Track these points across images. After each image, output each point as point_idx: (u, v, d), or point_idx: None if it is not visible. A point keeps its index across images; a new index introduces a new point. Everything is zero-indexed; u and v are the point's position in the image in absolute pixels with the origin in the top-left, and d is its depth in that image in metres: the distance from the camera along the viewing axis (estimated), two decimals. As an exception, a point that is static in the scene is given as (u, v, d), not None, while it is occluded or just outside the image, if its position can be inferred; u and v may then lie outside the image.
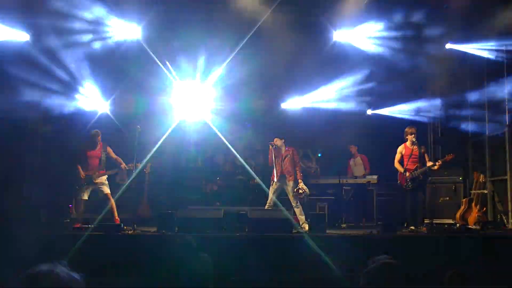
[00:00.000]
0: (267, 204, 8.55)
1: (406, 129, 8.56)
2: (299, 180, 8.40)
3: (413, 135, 8.42)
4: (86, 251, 6.18)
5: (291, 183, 8.42)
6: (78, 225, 7.54)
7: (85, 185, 8.06)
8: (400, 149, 8.60)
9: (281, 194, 8.65)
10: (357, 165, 10.53)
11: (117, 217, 7.93)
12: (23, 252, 5.95)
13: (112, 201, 8.02)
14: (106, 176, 8.28)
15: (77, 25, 8.66)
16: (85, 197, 8.07)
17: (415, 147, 8.41)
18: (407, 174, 8.30)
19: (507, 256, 6.21)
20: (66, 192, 8.87)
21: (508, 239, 7.15)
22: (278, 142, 8.67)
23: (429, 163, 8.27)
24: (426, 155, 8.46)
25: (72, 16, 8.44)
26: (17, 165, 9.42)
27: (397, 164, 8.58)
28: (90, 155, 8.23)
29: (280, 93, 11.12)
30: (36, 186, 9.91)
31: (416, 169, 8.28)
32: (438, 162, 8.23)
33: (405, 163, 8.43)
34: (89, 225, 7.35)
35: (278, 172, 8.54)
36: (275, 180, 8.54)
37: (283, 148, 8.68)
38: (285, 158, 8.57)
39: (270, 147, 8.68)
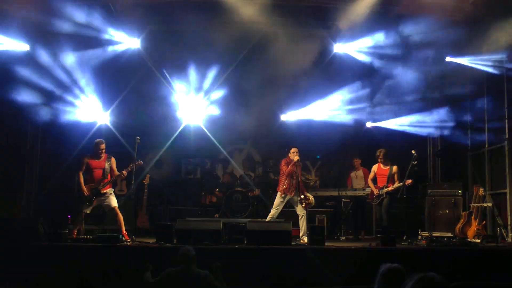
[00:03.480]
0: (269, 217, 8.52)
1: (377, 153, 9.05)
2: (304, 189, 8.61)
3: (383, 158, 8.92)
4: (85, 262, 6.15)
5: (302, 195, 8.38)
6: (76, 236, 7.42)
7: (93, 199, 7.62)
8: (374, 168, 9.13)
9: (285, 206, 8.67)
10: (358, 178, 10.50)
11: (124, 231, 7.51)
12: (22, 263, 5.95)
13: (120, 215, 7.64)
14: (113, 189, 7.91)
15: (78, 35, 8.70)
16: (88, 211, 7.69)
17: (387, 167, 8.89)
18: (376, 191, 8.82)
19: (506, 269, 6.18)
20: (65, 203, 8.84)
21: (508, 252, 7.11)
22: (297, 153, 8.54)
23: (396, 183, 8.63)
24: (395, 175, 8.81)
25: (73, 25, 8.48)
26: (16, 175, 9.41)
27: (369, 182, 9.15)
28: (94, 166, 7.73)
29: (280, 105, 11.13)
30: (35, 196, 9.91)
31: (383, 187, 8.73)
32: (399, 184, 8.51)
33: (377, 181, 8.94)
34: (88, 236, 7.29)
35: (294, 185, 8.42)
36: (289, 192, 8.43)
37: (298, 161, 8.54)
38: (298, 171, 8.51)
39: (297, 161, 8.44)
